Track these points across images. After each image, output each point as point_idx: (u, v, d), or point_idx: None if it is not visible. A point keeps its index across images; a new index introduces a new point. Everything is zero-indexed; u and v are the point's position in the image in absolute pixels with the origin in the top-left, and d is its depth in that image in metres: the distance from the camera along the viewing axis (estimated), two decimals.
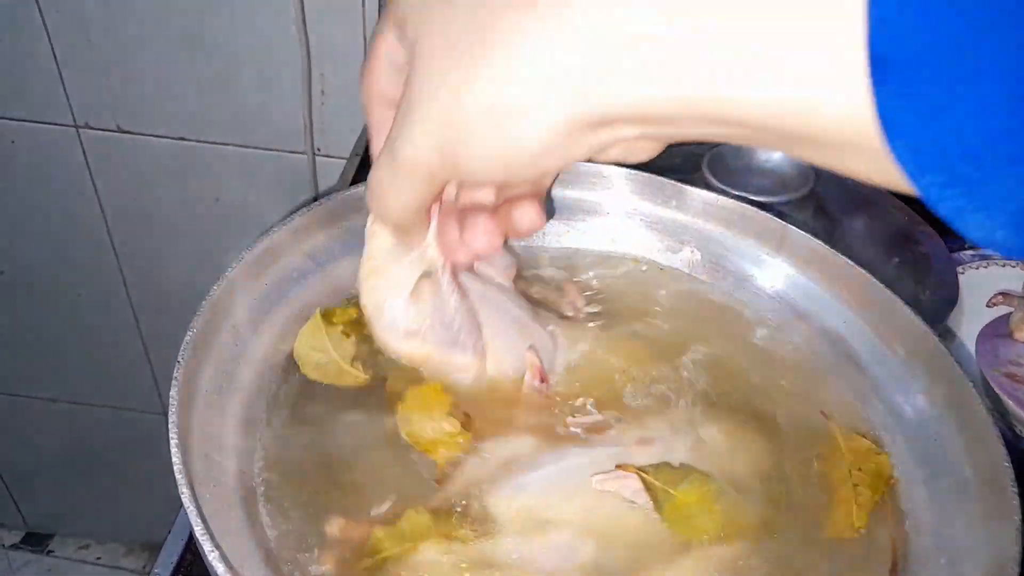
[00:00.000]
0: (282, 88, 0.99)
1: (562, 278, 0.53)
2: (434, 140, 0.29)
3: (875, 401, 0.46)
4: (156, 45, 0.99)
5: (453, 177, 0.31)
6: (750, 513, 0.40)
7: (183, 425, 0.34)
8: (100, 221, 1.18)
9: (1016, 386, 0.57)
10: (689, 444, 0.42)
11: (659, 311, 0.52)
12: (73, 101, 1.05)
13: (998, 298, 0.68)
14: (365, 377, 0.44)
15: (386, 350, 0.42)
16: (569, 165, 0.29)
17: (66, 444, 1.53)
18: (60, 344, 1.36)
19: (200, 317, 0.39)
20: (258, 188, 1.10)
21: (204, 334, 0.39)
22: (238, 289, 0.43)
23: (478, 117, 0.27)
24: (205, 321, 0.39)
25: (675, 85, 0.24)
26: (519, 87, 0.26)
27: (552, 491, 0.39)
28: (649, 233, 0.55)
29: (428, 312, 0.41)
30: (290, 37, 0.95)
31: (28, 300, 1.29)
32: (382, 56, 0.33)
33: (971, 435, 0.40)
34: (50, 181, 1.14)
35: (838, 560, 0.39)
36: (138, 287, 1.26)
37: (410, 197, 0.33)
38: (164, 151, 1.08)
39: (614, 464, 0.40)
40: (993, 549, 0.36)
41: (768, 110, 0.23)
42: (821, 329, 0.50)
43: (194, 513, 0.30)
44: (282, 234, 0.46)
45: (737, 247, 0.53)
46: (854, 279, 0.49)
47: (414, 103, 0.29)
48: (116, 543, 1.71)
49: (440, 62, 0.28)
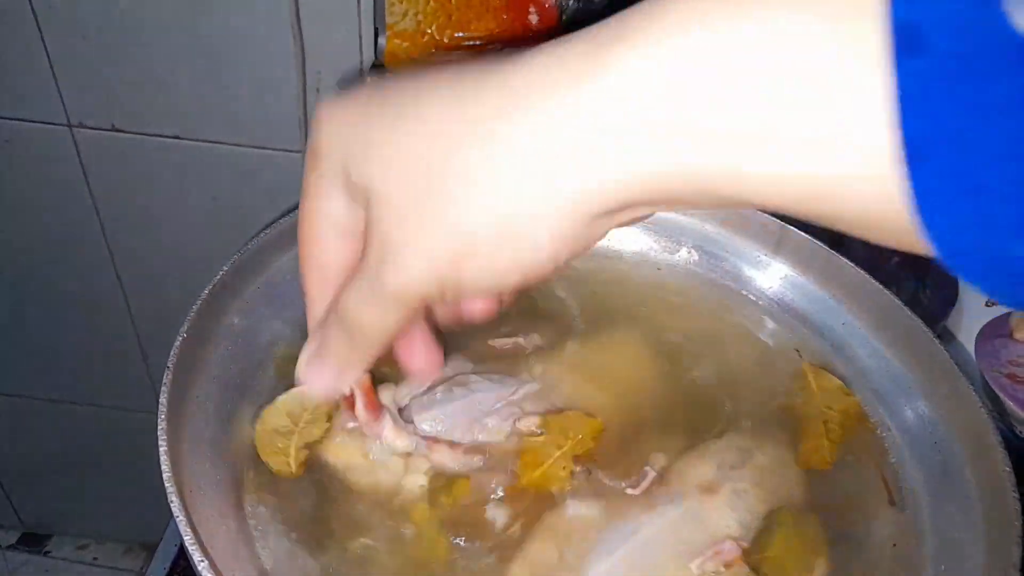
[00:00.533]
0: (277, 87, 0.99)
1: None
2: (431, 265, 0.27)
3: (875, 403, 0.46)
4: (151, 44, 0.98)
5: (450, 297, 0.28)
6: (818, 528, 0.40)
7: (172, 432, 0.34)
8: (95, 221, 1.17)
9: (1016, 387, 0.56)
10: (748, 476, 0.41)
11: (654, 314, 0.51)
12: (67, 100, 1.04)
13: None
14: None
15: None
16: (588, 251, 0.28)
17: (63, 444, 1.52)
18: (55, 343, 1.35)
19: (190, 322, 0.39)
20: (254, 187, 1.09)
21: (194, 338, 0.39)
22: (228, 293, 0.43)
23: (485, 238, 0.26)
24: (195, 326, 0.39)
25: (687, 165, 0.23)
26: (520, 200, 0.25)
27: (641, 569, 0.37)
28: (646, 234, 0.54)
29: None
30: (285, 36, 0.94)
31: (23, 300, 1.29)
32: (321, 219, 0.30)
33: (971, 439, 0.40)
34: (44, 181, 1.13)
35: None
36: (133, 286, 1.26)
37: (395, 325, 0.30)
38: (159, 150, 1.07)
39: (697, 530, 0.38)
40: (993, 554, 0.35)
41: (791, 194, 0.22)
42: (819, 331, 0.50)
43: (183, 522, 0.30)
44: (274, 236, 0.46)
45: (735, 248, 0.53)
46: (853, 280, 0.48)
47: (394, 241, 0.27)
48: (114, 543, 1.71)
49: (416, 198, 0.26)
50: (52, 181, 1.11)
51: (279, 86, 0.98)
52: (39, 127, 1.06)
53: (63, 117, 1.05)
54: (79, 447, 1.52)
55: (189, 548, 0.29)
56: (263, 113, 1.01)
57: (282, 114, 1.00)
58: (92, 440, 1.50)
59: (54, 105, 1.04)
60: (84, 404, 1.44)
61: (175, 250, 1.18)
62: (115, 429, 1.47)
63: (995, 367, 0.59)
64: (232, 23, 0.94)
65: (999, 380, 0.58)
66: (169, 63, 0.99)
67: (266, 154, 1.05)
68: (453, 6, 0.84)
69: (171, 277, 1.21)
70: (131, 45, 0.98)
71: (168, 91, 1.02)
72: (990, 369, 0.58)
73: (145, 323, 1.29)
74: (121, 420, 1.46)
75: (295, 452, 0.39)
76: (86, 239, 1.17)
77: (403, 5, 0.84)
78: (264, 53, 0.96)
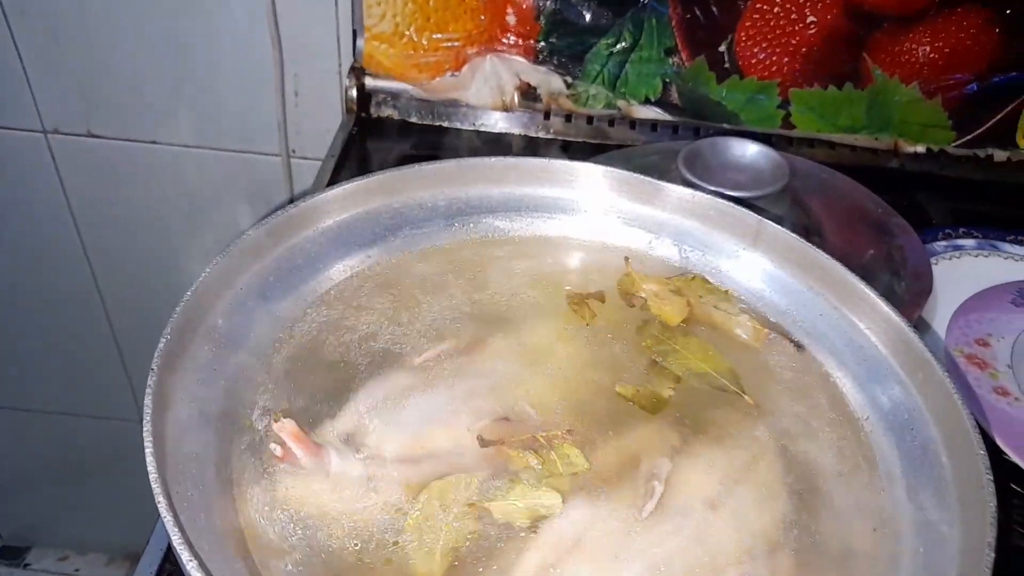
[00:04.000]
0: (255, 90, 0.98)
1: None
2: None
3: (854, 391, 0.47)
4: (126, 48, 0.98)
5: None
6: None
7: (158, 433, 0.34)
8: (71, 228, 1.16)
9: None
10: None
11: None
12: (41, 106, 1.03)
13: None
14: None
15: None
16: None
17: (41, 454, 1.50)
18: (32, 352, 1.34)
19: (173, 324, 0.39)
20: (232, 191, 1.09)
21: (177, 341, 0.39)
22: (211, 294, 0.43)
23: None
24: (178, 329, 0.39)
25: None
26: None
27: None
28: (627, 229, 0.55)
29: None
30: (263, 39, 0.94)
31: (2, 309, 1.27)
32: None
33: (947, 425, 0.41)
34: (19, 188, 1.12)
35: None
36: (112, 293, 1.25)
37: None
38: (135, 155, 1.07)
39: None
40: (969, 534, 0.36)
41: None
42: (796, 321, 0.50)
43: (171, 522, 0.30)
44: (257, 236, 0.46)
45: (714, 242, 0.53)
46: (830, 273, 0.49)
47: None
48: (97, 553, 1.69)
49: None
50: (27, 188, 1.10)
51: (257, 89, 0.98)
52: (13, 134, 1.05)
53: (38, 123, 1.04)
54: (58, 457, 1.50)
55: (176, 547, 0.29)
56: (241, 117, 1.01)
57: (260, 117, 1.00)
58: (71, 450, 1.48)
59: (28, 111, 1.03)
60: (62, 414, 1.43)
61: (152, 255, 1.17)
62: (95, 438, 1.46)
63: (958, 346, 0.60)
64: (209, 27, 0.94)
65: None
66: (145, 68, 0.98)
67: (244, 157, 1.04)
68: (431, 8, 0.84)
69: (149, 282, 1.20)
70: (106, 50, 0.97)
71: (144, 96, 1.01)
72: (954, 347, 0.60)
73: (124, 329, 1.28)
74: (102, 429, 1.44)
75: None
76: (63, 245, 1.16)
77: (381, 7, 0.85)
78: (242, 57, 0.96)
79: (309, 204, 0.49)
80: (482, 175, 0.54)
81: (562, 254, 0.55)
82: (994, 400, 0.56)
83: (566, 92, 0.86)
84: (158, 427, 0.34)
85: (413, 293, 0.51)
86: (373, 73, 0.88)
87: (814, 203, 0.71)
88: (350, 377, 0.45)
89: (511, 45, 0.85)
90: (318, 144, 0.98)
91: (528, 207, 0.55)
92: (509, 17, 0.84)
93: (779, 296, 0.51)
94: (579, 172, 0.55)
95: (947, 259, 0.72)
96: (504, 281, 0.52)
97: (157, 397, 0.35)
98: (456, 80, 0.86)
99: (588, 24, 0.82)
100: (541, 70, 0.85)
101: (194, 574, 0.28)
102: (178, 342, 0.39)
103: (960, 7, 0.80)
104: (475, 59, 0.86)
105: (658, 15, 0.81)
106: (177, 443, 0.36)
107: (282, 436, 0.39)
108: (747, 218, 0.52)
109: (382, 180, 0.52)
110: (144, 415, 0.34)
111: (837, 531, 0.40)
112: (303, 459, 0.39)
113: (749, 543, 0.39)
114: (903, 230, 0.70)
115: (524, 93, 0.86)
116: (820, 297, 0.50)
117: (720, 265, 0.53)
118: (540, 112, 0.87)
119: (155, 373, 0.36)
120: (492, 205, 0.55)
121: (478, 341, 0.48)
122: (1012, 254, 0.73)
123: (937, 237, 0.74)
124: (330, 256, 0.51)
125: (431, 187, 0.54)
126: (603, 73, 0.85)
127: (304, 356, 0.46)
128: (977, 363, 0.59)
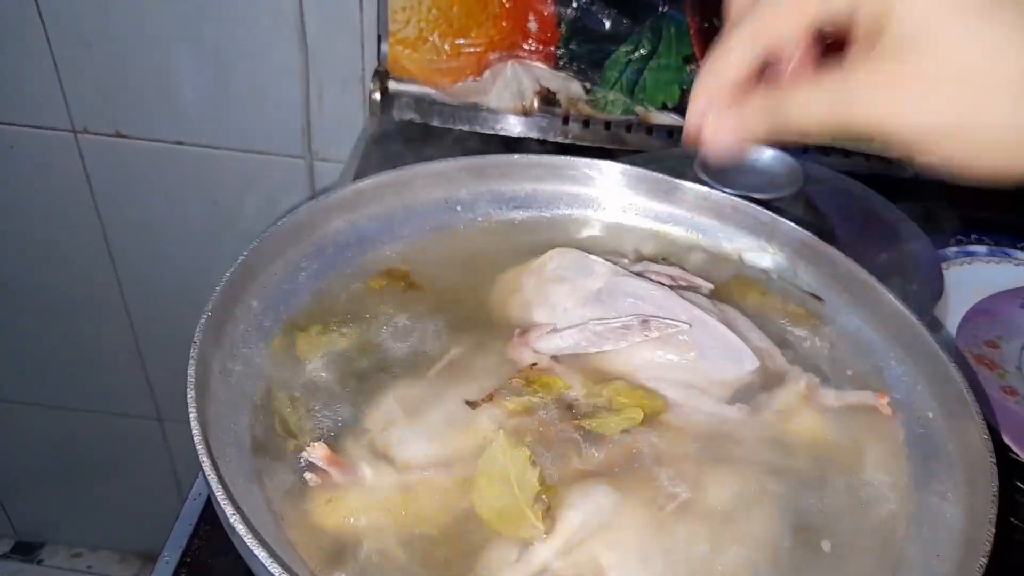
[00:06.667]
0: (280, 93, 1.01)
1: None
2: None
3: (869, 379, 0.48)
4: (154, 50, 1.00)
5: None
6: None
7: (201, 399, 0.36)
8: (97, 226, 1.18)
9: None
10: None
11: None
12: (71, 106, 1.06)
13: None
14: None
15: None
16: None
17: (57, 450, 1.52)
18: (53, 349, 1.36)
19: (213, 302, 0.40)
20: (256, 192, 1.11)
21: (216, 317, 0.41)
22: (248, 276, 0.44)
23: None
24: (218, 305, 0.41)
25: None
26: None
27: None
28: (644, 222, 0.56)
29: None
30: (289, 42, 0.96)
31: (23, 304, 1.30)
32: None
33: (953, 413, 0.42)
34: (48, 186, 1.14)
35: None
36: (134, 292, 1.27)
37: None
38: (162, 156, 1.09)
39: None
40: (972, 513, 0.37)
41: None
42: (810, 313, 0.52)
43: (214, 479, 0.31)
44: (290, 225, 0.48)
45: (729, 239, 0.55)
46: (841, 269, 0.51)
47: None
48: (108, 551, 1.70)
49: None
50: (55, 186, 1.13)
51: (282, 92, 1.00)
52: (43, 133, 1.08)
53: (67, 123, 1.07)
54: (74, 454, 1.52)
55: (221, 503, 0.31)
56: (266, 119, 1.03)
57: (284, 120, 1.02)
58: (87, 447, 1.50)
59: (59, 111, 1.05)
60: (79, 410, 1.44)
61: (176, 254, 1.19)
62: (110, 435, 1.47)
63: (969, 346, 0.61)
64: (236, 31, 0.97)
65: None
66: (172, 71, 1.01)
67: (268, 159, 1.07)
68: (454, 14, 0.86)
69: (171, 281, 1.22)
70: (135, 52, 1.00)
71: (172, 97, 1.04)
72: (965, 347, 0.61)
73: (143, 327, 1.30)
74: (118, 426, 1.46)
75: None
76: (88, 243, 1.19)
77: (406, 13, 0.87)
78: (268, 60, 0.98)
79: (340, 195, 0.51)
80: (506, 172, 0.56)
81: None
82: (1002, 399, 0.57)
83: (585, 98, 0.88)
84: (201, 395, 0.36)
85: (432, 294, 0.51)
86: (397, 77, 0.91)
87: (828, 207, 0.73)
88: (371, 384, 0.45)
89: (532, 51, 0.87)
90: (341, 147, 1.00)
91: (548, 203, 0.57)
92: (530, 24, 0.86)
93: (792, 288, 0.53)
94: (599, 169, 0.56)
95: (959, 264, 0.73)
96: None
97: (199, 369, 0.37)
98: (477, 85, 0.89)
99: (608, 31, 0.84)
100: (561, 76, 0.87)
101: (237, 526, 0.30)
102: (217, 319, 0.41)
103: None
104: (496, 64, 0.88)
105: (676, 23, 0.83)
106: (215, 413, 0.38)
107: (314, 460, 0.40)
108: (761, 215, 0.53)
109: (407, 175, 0.54)
110: (187, 383, 0.35)
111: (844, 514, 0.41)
112: (338, 478, 0.40)
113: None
114: (915, 235, 0.71)
115: (544, 98, 0.88)
116: (831, 292, 0.51)
117: (735, 260, 0.55)
118: (559, 117, 0.89)
119: (197, 345, 0.38)
120: (513, 200, 0.57)
121: (489, 340, 0.49)
122: (1022, 260, 0.74)
123: (949, 243, 0.75)
124: (350, 250, 0.52)
125: (455, 182, 0.56)
126: (622, 79, 0.87)
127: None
128: (986, 364, 0.60)
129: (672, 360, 0.46)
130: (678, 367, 0.45)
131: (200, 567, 0.49)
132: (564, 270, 0.50)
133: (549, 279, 0.49)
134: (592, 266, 0.50)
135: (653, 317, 0.46)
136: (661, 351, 0.46)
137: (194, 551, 0.50)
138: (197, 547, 0.50)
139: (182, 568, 0.48)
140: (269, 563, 0.30)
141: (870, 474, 0.43)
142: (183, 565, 0.49)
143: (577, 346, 0.46)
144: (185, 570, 0.48)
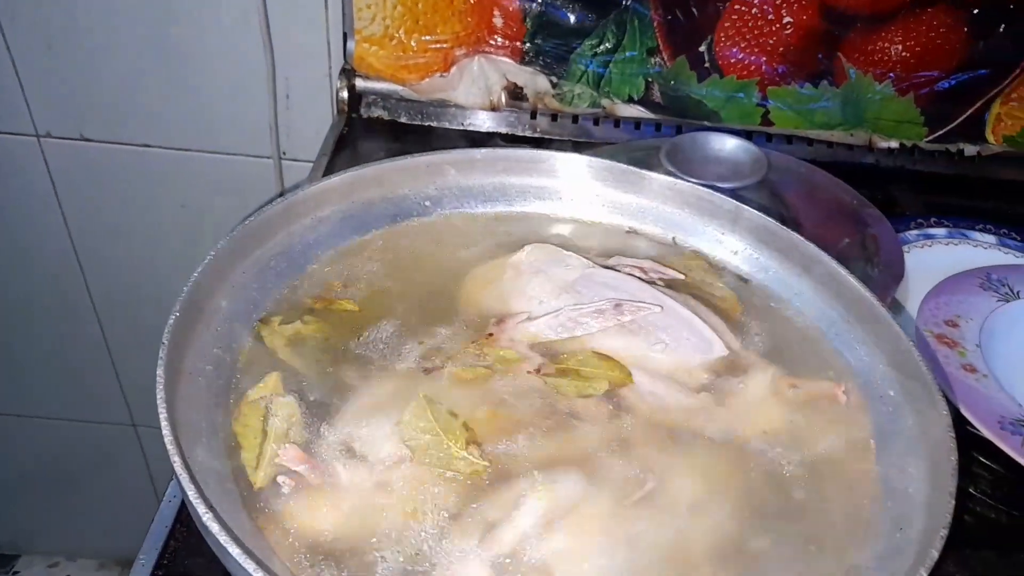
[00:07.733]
0: (246, 93, 1.00)
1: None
2: None
3: (835, 360, 0.49)
4: (119, 52, 0.99)
5: None
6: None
7: (170, 400, 0.36)
8: (63, 231, 1.17)
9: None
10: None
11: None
12: (34, 110, 1.05)
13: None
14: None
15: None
16: None
17: (30, 459, 1.50)
18: (23, 357, 1.34)
19: (181, 303, 0.40)
20: (224, 194, 1.10)
21: (185, 318, 0.41)
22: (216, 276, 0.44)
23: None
24: (186, 306, 0.41)
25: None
26: None
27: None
28: (611, 216, 0.57)
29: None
30: (254, 42, 0.95)
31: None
32: None
33: (914, 391, 0.43)
34: (11, 192, 1.13)
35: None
36: (103, 297, 1.25)
37: None
38: (128, 159, 1.08)
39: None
40: (935, 486, 0.38)
41: None
42: (775, 299, 0.53)
43: (185, 479, 0.31)
44: (260, 222, 0.48)
45: (694, 228, 0.56)
46: (804, 254, 0.52)
47: None
48: (87, 559, 1.69)
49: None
50: (19, 191, 1.11)
51: (248, 92, 1.00)
52: (6, 138, 1.06)
53: (30, 127, 1.05)
54: (48, 463, 1.50)
55: (193, 501, 0.31)
56: (233, 119, 1.03)
57: (252, 120, 1.02)
58: (61, 455, 1.48)
59: (21, 115, 1.04)
60: (52, 418, 1.43)
61: (145, 258, 1.18)
62: (85, 442, 1.46)
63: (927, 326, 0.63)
64: (200, 31, 0.96)
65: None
66: (137, 72, 1.00)
67: (236, 160, 1.06)
68: (420, 11, 0.86)
69: (141, 285, 1.21)
70: (99, 54, 0.99)
71: (137, 100, 1.03)
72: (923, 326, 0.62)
73: (114, 332, 1.29)
74: (92, 434, 1.44)
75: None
76: (55, 250, 1.17)
77: (371, 10, 0.87)
78: (233, 60, 0.98)
79: (308, 192, 0.51)
80: (470, 166, 0.57)
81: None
82: (962, 376, 0.58)
83: (552, 92, 0.89)
84: (170, 395, 0.36)
85: (401, 289, 0.51)
86: (363, 75, 0.91)
87: (791, 195, 0.74)
88: (340, 383, 0.45)
89: (498, 46, 0.88)
90: (309, 146, 1.00)
91: (515, 196, 0.57)
92: (496, 19, 0.86)
93: (758, 276, 0.54)
94: (564, 161, 0.57)
95: (919, 247, 0.74)
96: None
97: (168, 369, 0.37)
98: (445, 81, 0.89)
99: (573, 25, 0.85)
100: (527, 70, 0.88)
101: (209, 524, 0.30)
102: (186, 320, 0.41)
103: (930, 7, 0.83)
104: (463, 60, 0.88)
105: (640, 16, 0.84)
106: (186, 411, 0.38)
107: (286, 463, 0.40)
108: (725, 203, 0.54)
109: (375, 171, 0.54)
110: (157, 384, 0.35)
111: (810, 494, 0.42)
112: (312, 479, 0.40)
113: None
114: (877, 220, 0.72)
115: (511, 93, 0.89)
116: (795, 277, 0.52)
117: (702, 248, 0.56)
118: (527, 112, 0.89)
119: (165, 346, 0.38)
120: (481, 195, 0.57)
121: (460, 332, 0.49)
122: (980, 242, 0.76)
123: (910, 227, 0.77)
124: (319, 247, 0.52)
125: (421, 178, 0.56)
126: (588, 73, 0.88)
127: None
128: (947, 342, 0.62)
129: (642, 346, 0.47)
130: (648, 355, 0.47)
131: (177, 569, 0.49)
132: (540, 263, 0.52)
133: (525, 272, 0.51)
134: (567, 260, 0.52)
135: (626, 300, 0.47)
136: (632, 337, 0.47)
137: (170, 553, 0.50)
138: (173, 549, 0.50)
139: (159, 570, 0.48)
140: (243, 560, 0.30)
141: (835, 456, 0.44)
142: (160, 567, 0.49)
143: (553, 332, 0.47)
144: (162, 572, 0.48)
